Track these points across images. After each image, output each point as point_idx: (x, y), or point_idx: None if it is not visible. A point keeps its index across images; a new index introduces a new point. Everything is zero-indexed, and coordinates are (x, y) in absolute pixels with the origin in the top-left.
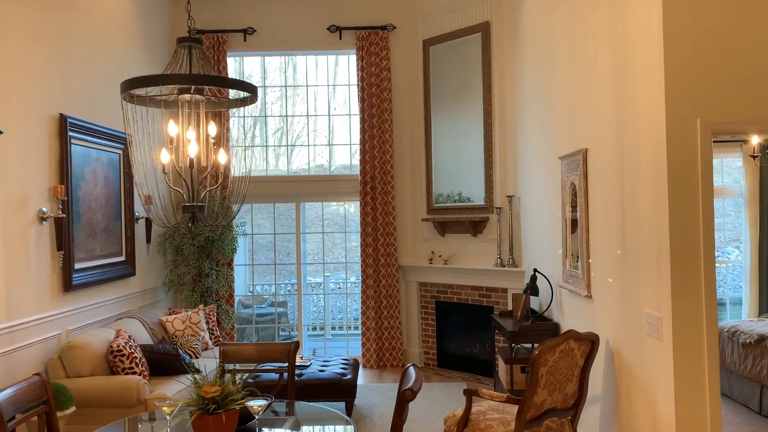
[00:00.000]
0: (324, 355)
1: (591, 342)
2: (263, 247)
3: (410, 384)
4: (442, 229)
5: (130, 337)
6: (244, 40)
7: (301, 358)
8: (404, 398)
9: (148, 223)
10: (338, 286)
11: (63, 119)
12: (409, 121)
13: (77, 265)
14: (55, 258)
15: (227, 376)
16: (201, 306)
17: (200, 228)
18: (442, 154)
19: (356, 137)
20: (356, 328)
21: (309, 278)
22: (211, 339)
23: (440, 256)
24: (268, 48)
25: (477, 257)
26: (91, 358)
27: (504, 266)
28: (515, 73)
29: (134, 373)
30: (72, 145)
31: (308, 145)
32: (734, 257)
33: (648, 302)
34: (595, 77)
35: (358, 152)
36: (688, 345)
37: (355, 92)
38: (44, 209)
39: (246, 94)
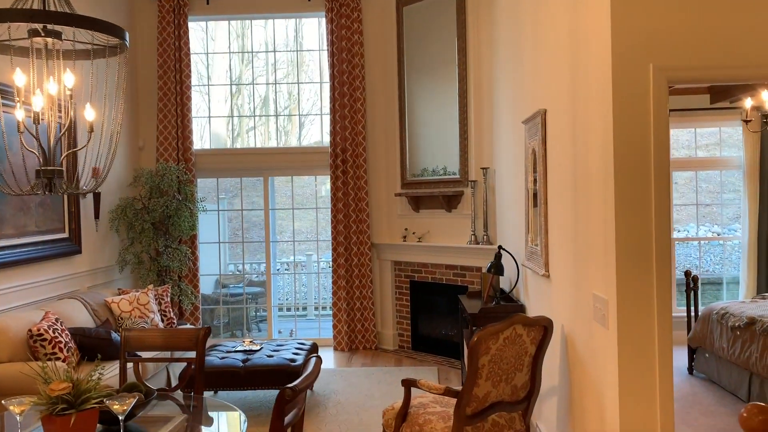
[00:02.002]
0: (295, 336)
1: (543, 327)
2: (255, 225)
3: (297, 381)
4: (416, 204)
5: (57, 319)
6: (207, 3)
7: (251, 342)
8: (283, 398)
9: (97, 197)
10: (315, 265)
11: None
12: (383, 90)
13: (2, 242)
14: None
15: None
16: (150, 286)
17: (154, 203)
18: (417, 125)
19: (326, 107)
20: (326, 308)
21: (285, 258)
22: (162, 321)
23: (414, 233)
24: (234, 11)
25: (452, 234)
26: (10, 343)
27: (479, 243)
28: (491, 37)
29: (57, 358)
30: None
31: (275, 116)
32: (740, 235)
33: (596, 283)
34: (554, 33)
35: (328, 123)
36: (636, 334)
37: (325, 58)
38: None
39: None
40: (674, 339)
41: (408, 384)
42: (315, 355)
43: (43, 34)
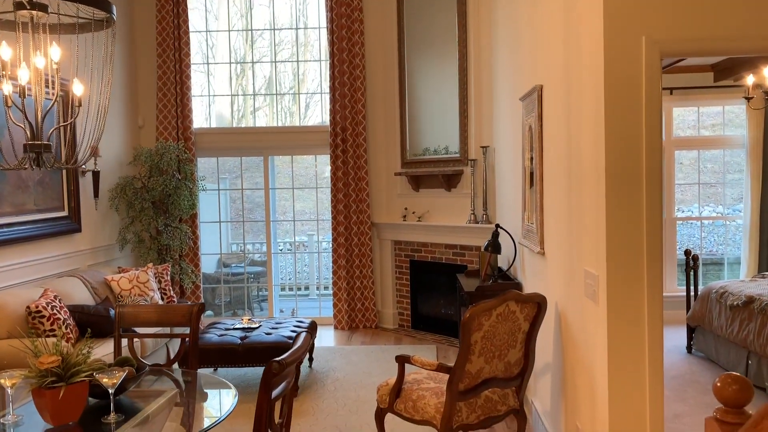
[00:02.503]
0: (297, 315)
1: (537, 304)
2: (259, 206)
3: (285, 355)
4: (416, 183)
5: (55, 297)
6: None
7: (249, 320)
8: (270, 372)
9: (96, 176)
10: (317, 245)
11: None
12: (383, 68)
13: (1, 220)
14: None
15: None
16: (150, 264)
17: (154, 182)
18: (417, 104)
19: (326, 86)
20: (327, 288)
21: (288, 239)
22: (163, 299)
23: (414, 212)
24: None
25: (451, 213)
26: (8, 320)
27: (478, 223)
28: (491, 13)
29: (55, 335)
30: None
31: (275, 94)
32: (743, 215)
33: (588, 259)
34: (549, 6)
35: (328, 101)
36: (625, 309)
37: (324, 35)
38: None
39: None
40: (674, 318)
41: (402, 360)
42: (305, 330)
43: (28, 7)
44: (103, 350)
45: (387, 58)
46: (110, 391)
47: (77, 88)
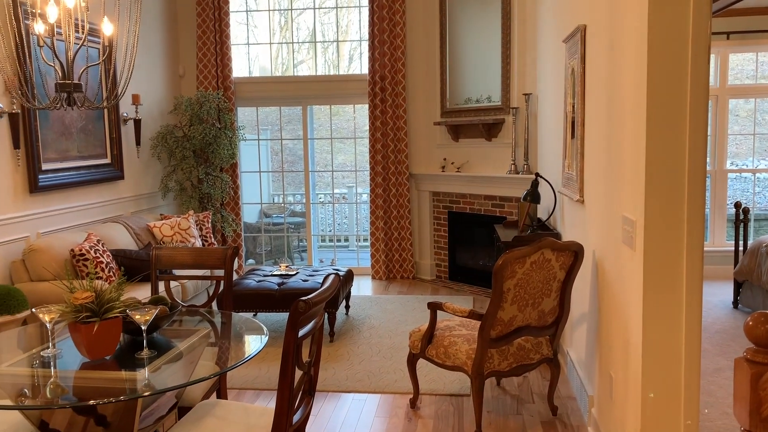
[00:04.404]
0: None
1: (574, 253)
2: (300, 158)
3: (311, 295)
4: (455, 133)
5: (98, 241)
6: None
7: (287, 267)
8: (296, 310)
9: (137, 124)
10: (356, 197)
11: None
12: (423, 14)
13: (46, 166)
14: (15, 157)
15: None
16: (191, 211)
17: (194, 131)
18: (458, 51)
19: (365, 33)
20: (366, 240)
21: (328, 190)
22: (204, 246)
23: (453, 163)
24: None
25: (491, 164)
26: (54, 262)
27: (519, 173)
28: None
29: (99, 278)
30: (31, 35)
31: (314, 42)
32: None
33: (626, 204)
34: None
35: (367, 49)
36: (663, 256)
37: None
38: None
39: None
40: (721, 273)
41: (434, 307)
42: (333, 273)
43: None
44: (144, 293)
45: (428, 3)
46: (143, 327)
47: (107, 28)
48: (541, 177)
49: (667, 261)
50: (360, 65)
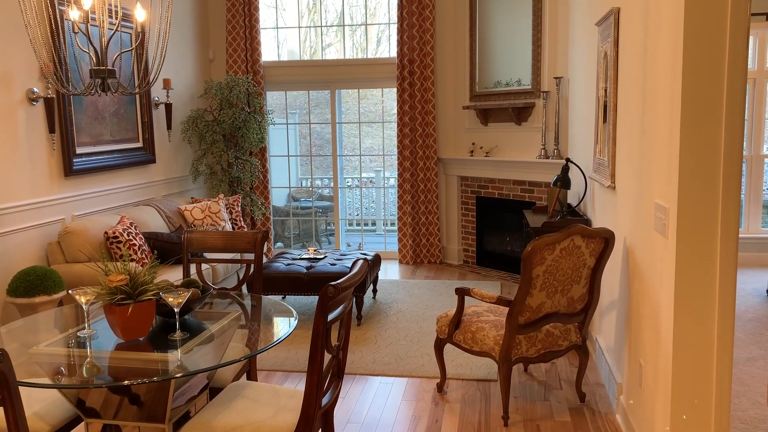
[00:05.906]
0: (362, 249)
1: (604, 240)
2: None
3: (341, 280)
4: (484, 117)
5: (131, 224)
6: None
7: (315, 251)
8: (325, 295)
9: (168, 108)
10: (384, 181)
11: None
12: None
13: (80, 150)
14: (51, 141)
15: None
16: (221, 195)
17: (224, 115)
18: (488, 34)
19: (394, 15)
20: (394, 224)
21: (356, 174)
22: (234, 230)
23: (481, 147)
24: None
25: (520, 148)
26: (89, 244)
27: (548, 158)
28: None
29: (132, 260)
30: (66, 21)
31: (343, 25)
32: None
33: (659, 191)
34: None
35: (395, 32)
36: (696, 244)
37: None
38: (35, 89)
39: None
40: (757, 261)
41: (461, 292)
42: (361, 258)
43: None
44: (176, 275)
45: None
46: (175, 309)
47: (139, 14)
48: (571, 162)
49: (700, 249)
50: (388, 48)
